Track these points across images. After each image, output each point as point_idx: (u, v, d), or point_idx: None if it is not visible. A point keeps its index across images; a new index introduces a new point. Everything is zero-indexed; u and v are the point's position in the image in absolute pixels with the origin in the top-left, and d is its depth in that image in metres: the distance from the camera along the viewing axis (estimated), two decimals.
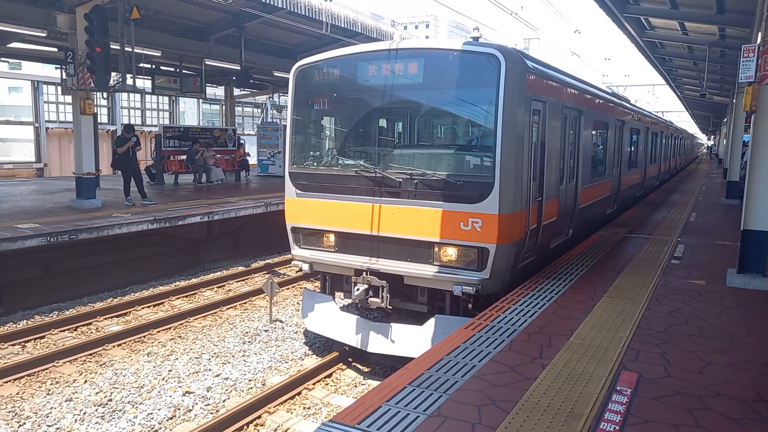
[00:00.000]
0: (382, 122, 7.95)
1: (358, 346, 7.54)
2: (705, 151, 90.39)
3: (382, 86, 7.40)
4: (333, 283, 8.30)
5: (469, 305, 7.05)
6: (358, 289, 7.21)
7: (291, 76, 8.12)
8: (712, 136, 73.01)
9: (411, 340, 7.15)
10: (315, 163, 8.17)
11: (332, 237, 7.73)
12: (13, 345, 8.64)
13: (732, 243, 10.29)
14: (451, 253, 6.90)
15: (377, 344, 7.39)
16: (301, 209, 7.95)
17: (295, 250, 8.16)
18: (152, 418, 6.57)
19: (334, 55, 7.82)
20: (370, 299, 7.28)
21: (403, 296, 7.48)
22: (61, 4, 13.37)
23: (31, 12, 13.50)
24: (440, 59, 7.14)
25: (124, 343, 8.78)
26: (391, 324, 7.42)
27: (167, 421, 6.55)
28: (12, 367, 7.62)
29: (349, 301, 7.96)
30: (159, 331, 9.28)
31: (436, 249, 6.95)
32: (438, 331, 6.85)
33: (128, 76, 13.73)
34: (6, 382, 7.37)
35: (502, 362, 4.85)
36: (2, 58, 21.57)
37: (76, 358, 8.14)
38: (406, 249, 7.12)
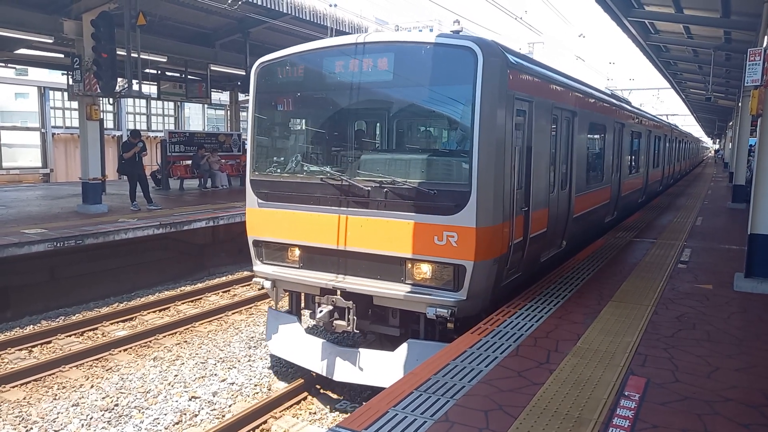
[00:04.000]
0: (350, 124, 7.22)
1: (324, 374, 6.86)
2: (711, 154, 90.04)
3: (349, 84, 6.68)
4: (300, 301, 7.71)
5: (451, 324, 6.20)
6: (321, 311, 6.54)
7: (252, 74, 7.45)
8: (718, 140, 72.76)
9: (381, 367, 6.46)
10: (278, 170, 7.42)
11: (297, 251, 7.07)
12: (20, 350, 8.66)
13: (739, 247, 10.24)
14: (424, 270, 6.25)
15: (344, 372, 6.69)
16: (263, 220, 7.27)
17: (257, 266, 7.47)
18: (158, 423, 6.57)
19: (298, 50, 7.10)
20: (335, 322, 6.61)
21: (374, 318, 6.81)
22: (68, 10, 13.46)
23: (38, 18, 13.59)
24: (412, 54, 6.47)
25: (130, 348, 8.79)
26: (359, 349, 6.72)
27: (173, 426, 6.55)
28: (19, 372, 7.64)
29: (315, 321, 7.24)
30: (165, 336, 9.30)
31: (408, 266, 6.29)
32: (411, 358, 6.22)
33: (134, 81, 13.82)
34: (13, 387, 7.38)
35: (509, 367, 4.84)
36: (9, 65, 21.72)
37: (83, 363, 8.15)
38: (375, 265, 6.45)
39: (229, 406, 7.05)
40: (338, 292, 6.57)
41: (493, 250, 6.13)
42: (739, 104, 20.39)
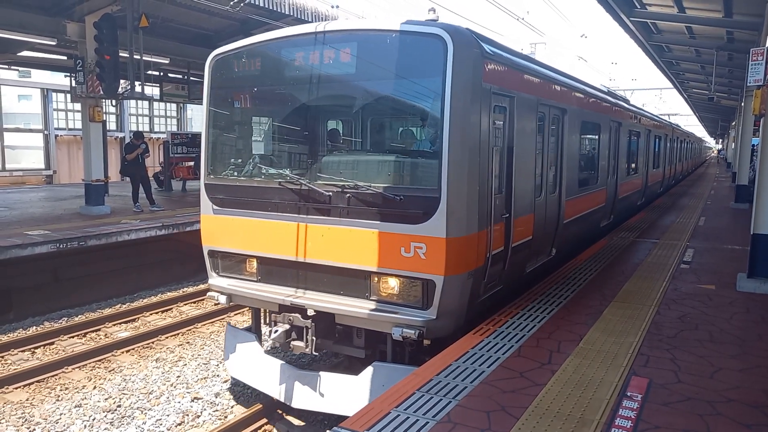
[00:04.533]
0: (310, 122, 6.55)
1: (282, 400, 6.25)
2: (714, 154, 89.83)
3: (309, 78, 6.08)
4: (260, 317, 7.13)
5: (426, 342, 5.61)
6: (276, 331, 5.94)
7: (206, 67, 6.86)
8: (721, 140, 72.64)
9: (344, 393, 5.88)
10: (235, 173, 6.74)
11: (254, 263, 6.47)
12: (23, 351, 8.68)
13: (742, 247, 10.22)
14: (390, 285, 5.66)
15: (303, 398, 6.07)
16: (218, 229, 6.65)
17: (212, 279, 6.86)
18: (161, 424, 6.58)
19: (255, 41, 6.51)
20: (292, 343, 6.04)
21: (337, 337, 6.25)
22: (71, 12, 13.50)
23: (41, 21, 13.64)
24: (376, 43, 5.85)
25: (133, 349, 8.81)
26: (320, 373, 6.10)
27: (176, 427, 6.56)
28: (22, 374, 7.66)
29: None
30: (167, 337, 9.31)
31: (374, 280, 5.70)
32: (376, 383, 5.65)
33: (137, 83, 13.84)
34: (16, 388, 7.40)
35: (511, 368, 4.83)
36: (12, 67, 21.78)
37: (86, 364, 8.17)
38: (338, 280, 5.87)
39: (232, 407, 7.06)
40: (307, 310, 5.97)
41: (466, 262, 5.55)
42: (742, 104, 20.35)
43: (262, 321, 7.16)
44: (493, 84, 5.85)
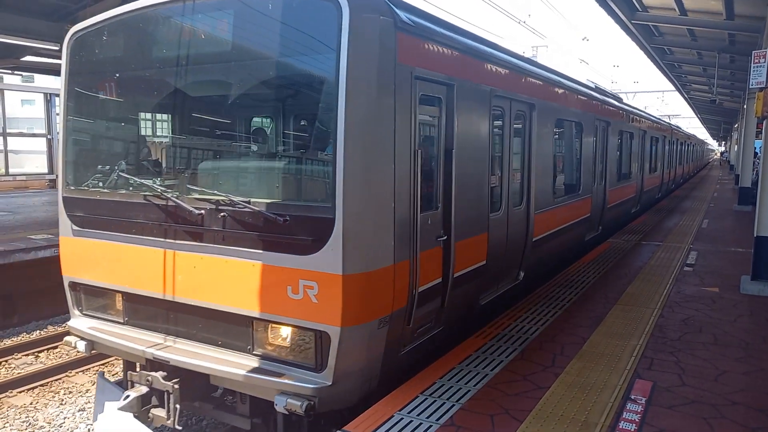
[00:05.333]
0: (185, 116, 5.14)
1: None
2: (717, 156, 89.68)
3: (180, 59, 4.69)
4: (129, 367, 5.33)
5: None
6: (127, 396, 4.66)
7: (64, 49, 5.51)
8: (723, 142, 72.60)
9: None
10: (99, 184, 5.26)
11: (120, 300, 5.12)
12: (27, 355, 8.70)
13: (745, 250, 10.19)
14: (276, 337, 4.35)
15: None
16: (80, 254, 5.30)
17: (73, 319, 5.45)
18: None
19: (118, 12, 5.11)
20: (152, 411, 4.74)
21: (218, 401, 4.99)
22: (74, 18, 13.54)
23: (43, 26, 13.69)
24: (256, 11, 4.55)
25: None
26: None
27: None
28: (26, 378, 7.67)
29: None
30: None
31: (257, 329, 4.39)
32: None
33: None
34: (20, 392, 7.41)
35: (514, 371, 4.83)
36: (16, 72, 21.88)
37: (89, 368, 8.18)
38: (215, 326, 4.57)
39: None
40: (181, 365, 4.59)
41: (377, 306, 4.26)
42: (744, 106, 20.35)
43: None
44: (416, 66, 4.56)
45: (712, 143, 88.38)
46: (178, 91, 4.84)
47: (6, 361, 8.46)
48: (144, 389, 4.71)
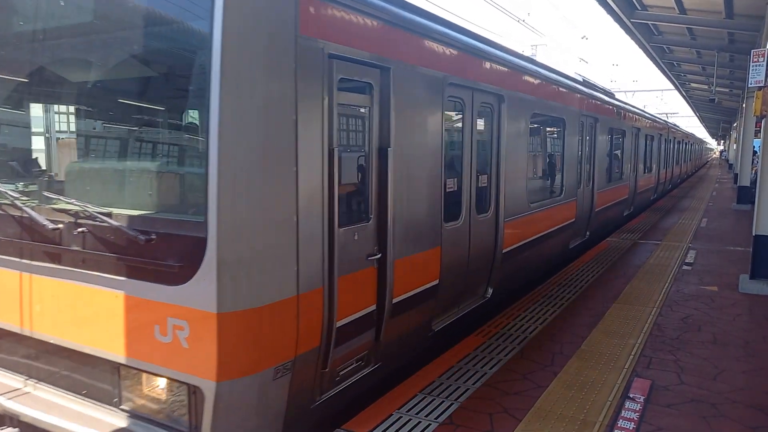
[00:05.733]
0: (44, 105, 4.27)
1: None
2: (716, 155, 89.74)
3: (35, 34, 3.77)
4: None
5: None
6: None
7: None
8: (722, 141, 72.70)
9: None
10: None
11: None
12: None
13: (744, 248, 10.21)
14: (145, 389, 3.46)
15: None
16: None
17: None
18: None
19: None
20: None
21: None
22: None
23: None
24: None
25: None
26: None
27: None
28: None
29: None
30: None
31: (124, 378, 3.48)
32: None
33: None
34: None
35: (513, 369, 4.83)
36: None
37: None
38: (78, 370, 3.65)
39: None
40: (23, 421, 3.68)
41: (271, 349, 3.33)
42: (743, 105, 20.37)
43: None
44: (331, 41, 3.63)
45: (711, 142, 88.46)
46: (33, 71, 3.93)
47: None
48: None
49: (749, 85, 7.92)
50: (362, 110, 4.19)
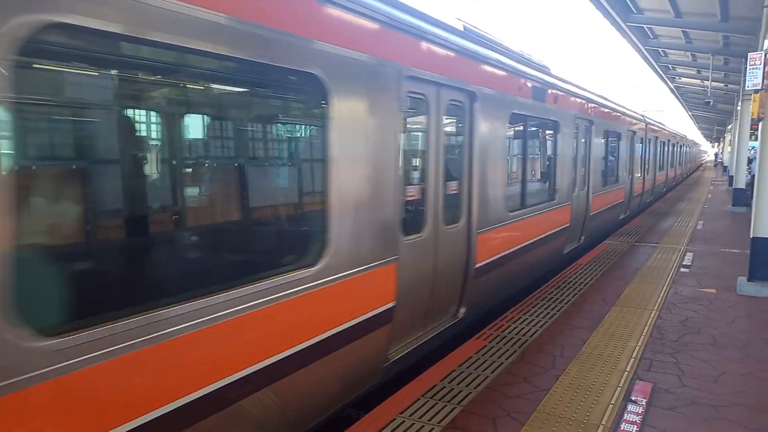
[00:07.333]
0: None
1: None
2: (710, 158, 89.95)
3: None
4: None
5: None
6: None
7: None
8: (717, 144, 73.02)
9: None
10: None
11: None
12: None
13: (741, 250, 10.24)
14: None
15: None
16: None
17: None
18: None
19: None
20: None
21: None
22: None
23: None
24: None
25: None
26: None
27: None
28: None
29: None
30: None
31: None
32: None
33: None
34: None
35: (515, 373, 4.83)
36: None
37: None
38: None
39: None
40: None
41: None
42: (738, 108, 20.48)
43: None
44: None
45: (705, 145, 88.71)
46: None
47: None
48: None
49: (746, 88, 7.96)
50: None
